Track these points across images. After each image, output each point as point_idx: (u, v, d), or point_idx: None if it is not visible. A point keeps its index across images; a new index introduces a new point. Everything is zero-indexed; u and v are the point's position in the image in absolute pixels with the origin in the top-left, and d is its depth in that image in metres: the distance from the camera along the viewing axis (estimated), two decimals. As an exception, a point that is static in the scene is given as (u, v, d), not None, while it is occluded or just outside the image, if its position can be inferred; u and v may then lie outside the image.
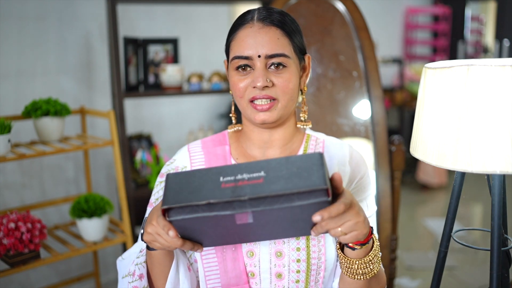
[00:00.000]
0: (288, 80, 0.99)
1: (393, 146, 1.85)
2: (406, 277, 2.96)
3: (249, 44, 0.96)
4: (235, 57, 0.98)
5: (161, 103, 3.11)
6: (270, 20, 0.98)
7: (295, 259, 0.99)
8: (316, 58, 1.89)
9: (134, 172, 2.60)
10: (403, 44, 5.71)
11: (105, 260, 2.81)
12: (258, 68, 0.97)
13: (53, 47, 2.51)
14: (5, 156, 1.74)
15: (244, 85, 0.98)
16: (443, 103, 0.96)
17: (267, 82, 0.97)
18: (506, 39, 5.18)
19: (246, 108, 1.00)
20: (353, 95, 1.91)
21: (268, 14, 0.99)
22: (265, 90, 0.97)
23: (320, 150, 1.08)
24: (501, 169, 0.90)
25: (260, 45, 0.96)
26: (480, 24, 5.95)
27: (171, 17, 3.09)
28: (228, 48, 1.02)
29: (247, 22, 0.99)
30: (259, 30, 0.97)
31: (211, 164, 1.06)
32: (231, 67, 1.00)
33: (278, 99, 0.98)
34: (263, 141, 1.06)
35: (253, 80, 0.97)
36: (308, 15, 1.90)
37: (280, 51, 0.97)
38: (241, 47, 0.97)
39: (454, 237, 1.14)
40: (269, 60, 0.97)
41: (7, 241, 1.67)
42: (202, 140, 1.11)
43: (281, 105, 0.99)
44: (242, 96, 0.99)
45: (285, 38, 0.99)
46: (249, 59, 0.97)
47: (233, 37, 1.00)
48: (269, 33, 0.97)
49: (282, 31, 0.98)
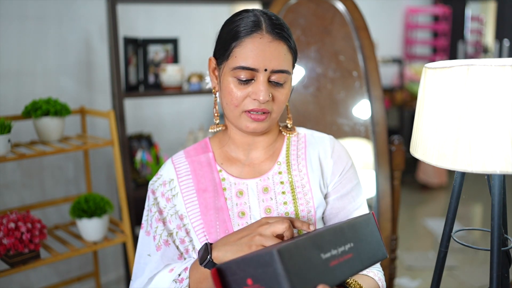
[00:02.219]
0: (286, 96, 1.01)
1: (393, 146, 1.85)
2: (406, 277, 2.96)
3: (258, 56, 0.95)
4: (240, 66, 0.96)
5: (161, 103, 3.11)
6: (280, 33, 0.97)
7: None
8: (316, 58, 1.89)
9: (134, 172, 2.60)
10: (403, 44, 5.71)
11: (105, 260, 2.81)
12: (261, 82, 0.96)
13: (53, 47, 2.51)
14: (5, 156, 1.74)
15: (243, 95, 0.97)
16: (443, 103, 0.96)
17: (269, 97, 0.97)
18: (506, 39, 5.18)
19: (238, 117, 1.00)
20: (353, 95, 1.91)
21: (278, 26, 0.97)
22: (264, 103, 0.97)
23: (302, 145, 1.11)
24: (501, 169, 0.90)
25: (268, 60, 0.95)
26: (480, 24, 5.95)
27: (171, 17, 3.09)
28: (228, 51, 0.98)
29: (256, 31, 0.96)
30: (269, 44, 0.95)
31: (196, 173, 1.07)
32: (230, 74, 0.98)
33: (271, 112, 1.00)
34: (247, 144, 1.08)
35: (255, 92, 0.96)
36: (308, 15, 1.90)
37: (285, 67, 0.98)
38: (248, 57, 0.95)
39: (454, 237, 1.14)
40: (272, 75, 0.97)
41: (7, 241, 1.67)
42: (184, 151, 1.12)
43: (273, 117, 1.01)
44: (237, 105, 0.98)
45: (290, 54, 0.99)
46: (254, 70, 0.96)
47: (239, 43, 0.96)
48: (278, 47, 0.96)
49: (287, 47, 0.98)
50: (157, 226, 1.06)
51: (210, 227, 1.03)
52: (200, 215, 1.04)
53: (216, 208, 1.04)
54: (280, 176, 1.07)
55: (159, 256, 1.04)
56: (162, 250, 1.04)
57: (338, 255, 0.78)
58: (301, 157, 1.09)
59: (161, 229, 1.05)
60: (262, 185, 1.05)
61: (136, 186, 2.52)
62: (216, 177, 1.06)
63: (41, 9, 2.45)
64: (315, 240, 0.78)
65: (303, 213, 1.05)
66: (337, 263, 0.77)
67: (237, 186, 1.06)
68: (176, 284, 0.98)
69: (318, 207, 1.06)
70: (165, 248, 1.04)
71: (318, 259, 0.76)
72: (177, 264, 1.02)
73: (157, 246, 1.05)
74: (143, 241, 1.07)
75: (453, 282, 2.89)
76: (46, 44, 2.49)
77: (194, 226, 1.04)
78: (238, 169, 1.08)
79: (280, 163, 1.08)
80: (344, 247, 0.80)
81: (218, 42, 1.03)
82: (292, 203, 1.04)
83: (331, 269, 0.76)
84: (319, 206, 1.07)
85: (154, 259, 1.04)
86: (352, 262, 0.80)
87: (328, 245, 0.78)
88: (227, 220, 1.03)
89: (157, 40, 2.53)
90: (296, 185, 1.06)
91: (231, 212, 1.04)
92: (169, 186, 1.07)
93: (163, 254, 1.04)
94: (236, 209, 1.04)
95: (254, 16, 0.98)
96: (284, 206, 1.04)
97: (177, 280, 0.98)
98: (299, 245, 0.75)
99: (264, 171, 1.07)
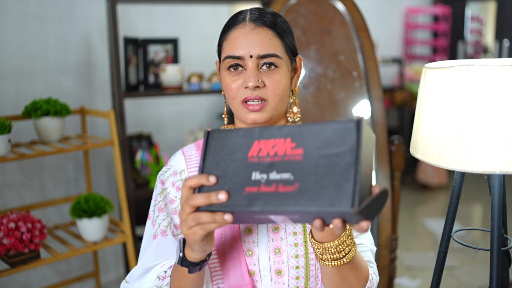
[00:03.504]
0: (279, 81, 0.99)
1: (393, 146, 1.85)
2: (406, 277, 2.96)
3: (241, 44, 0.97)
4: (227, 56, 0.99)
5: (161, 103, 3.11)
6: (262, 20, 0.98)
7: (294, 255, 1.00)
8: (316, 58, 1.89)
9: (134, 172, 2.60)
10: (403, 44, 5.71)
11: (105, 260, 2.81)
12: (250, 69, 0.97)
13: (53, 47, 2.51)
14: (5, 156, 1.74)
15: (236, 86, 0.99)
16: (443, 103, 0.96)
17: (259, 82, 0.97)
18: (506, 39, 5.18)
19: (238, 109, 1.01)
20: (353, 95, 1.91)
21: (260, 15, 0.99)
22: (256, 90, 0.98)
23: None
24: (501, 169, 0.90)
25: (252, 46, 0.97)
26: (480, 24, 5.96)
27: (171, 17, 3.09)
28: (220, 48, 1.03)
29: (239, 22, 0.99)
30: (251, 31, 0.98)
31: None
32: (223, 67, 1.01)
33: (268, 100, 0.99)
34: None
35: (245, 80, 0.97)
36: (308, 15, 1.90)
37: (272, 51, 0.98)
38: (233, 47, 0.98)
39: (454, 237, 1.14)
40: (261, 61, 0.98)
41: (7, 241, 1.67)
42: (195, 143, 1.12)
43: (271, 106, 1.00)
44: (234, 97, 1.00)
45: (277, 38, 0.99)
46: (241, 59, 0.97)
47: (225, 37, 1.00)
48: (261, 33, 0.98)
49: (274, 32, 0.99)
50: (158, 215, 1.05)
51: None
52: None
53: None
54: None
55: (154, 246, 1.03)
56: (157, 240, 1.03)
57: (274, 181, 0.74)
58: None
59: (161, 219, 1.05)
60: None
61: (136, 186, 2.53)
62: None
63: (41, 9, 2.45)
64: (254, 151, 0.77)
65: None
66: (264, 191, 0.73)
67: None
68: (159, 281, 0.97)
69: None
70: (161, 238, 1.03)
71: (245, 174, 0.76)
72: (169, 261, 1.02)
73: (154, 235, 1.04)
74: (148, 231, 1.07)
75: (453, 282, 2.89)
76: (46, 44, 2.49)
77: None
78: None
79: None
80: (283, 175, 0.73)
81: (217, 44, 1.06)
82: None
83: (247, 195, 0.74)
84: None
85: (150, 249, 1.03)
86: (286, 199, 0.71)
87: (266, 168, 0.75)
88: None
89: (157, 40, 2.53)
90: None
91: None
92: (180, 176, 1.07)
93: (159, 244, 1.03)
94: None
95: (240, 12, 1.02)
96: None
97: (161, 277, 0.98)
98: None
99: None
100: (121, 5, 2.66)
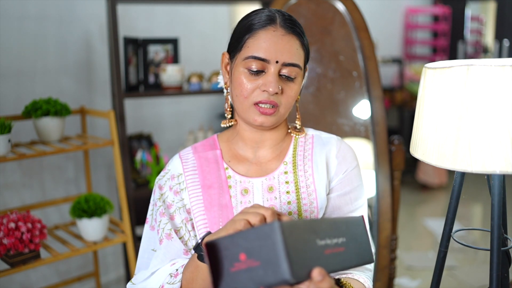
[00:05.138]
0: (296, 91, 1.02)
1: (393, 146, 1.85)
2: (406, 277, 2.96)
3: (270, 47, 0.96)
4: (251, 56, 0.97)
5: (161, 103, 3.11)
6: (293, 29, 0.99)
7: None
8: (316, 58, 1.89)
9: (134, 172, 2.60)
10: (403, 44, 5.72)
11: (105, 260, 2.81)
12: (272, 73, 0.97)
13: (53, 47, 2.51)
14: (5, 156, 1.74)
15: (252, 87, 0.99)
16: (443, 103, 0.96)
17: (279, 89, 0.97)
18: (506, 39, 5.18)
19: (248, 109, 1.01)
20: (353, 95, 1.91)
21: (292, 22, 1.00)
22: (273, 96, 0.98)
23: (309, 146, 1.11)
24: (501, 169, 0.90)
25: (280, 52, 0.97)
26: (480, 24, 5.96)
27: (171, 17, 3.09)
28: (241, 43, 1.00)
29: (270, 24, 0.98)
30: (282, 37, 0.97)
31: (203, 169, 1.08)
32: (241, 64, 0.99)
33: (280, 106, 1.00)
34: (255, 141, 1.09)
35: (265, 84, 0.97)
36: (308, 15, 1.90)
37: (296, 61, 0.99)
38: (261, 48, 0.97)
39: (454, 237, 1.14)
40: (283, 68, 0.98)
41: (7, 241, 1.67)
42: (192, 146, 1.13)
43: (281, 113, 1.02)
44: (247, 96, 0.99)
45: (302, 50, 1.01)
46: (265, 61, 0.97)
47: (252, 35, 0.98)
48: (291, 41, 0.98)
49: (300, 42, 1.00)
50: (161, 220, 1.06)
51: (213, 224, 1.03)
52: (204, 211, 1.04)
53: (220, 205, 1.04)
54: (286, 176, 1.07)
55: (163, 251, 1.04)
56: (164, 244, 1.04)
57: (332, 245, 0.78)
58: (308, 158, 1.10)
59: (164, 223, 1.06)
60: (268, 184, 1.06)
61: (136, 186, 2.53)
62: (222, 174, 1.07)
63: (41, 9, 2.45)
64: (312, 225, 0.77)
65: (306, 213, 1.05)
66: (331, 253, 0.77)
67: (242, 184, 1.06)
68: (171, 278, 0.98)
69: (322, 208, 1.07)
70: (167, 242, 1.04)
71: (314, 243, 0.75)
72: (180, 260, 1.03)
73: (159, 240, 1.05)
74: (147, 236, 1.08)
75: (453, 282, 2.89)
76: (46, 44, 2.49)
77: (197, 221, 1.05)
78: (244, 167, 1.08)
79: (287, 163, 1.09)
80: (337, 239, 0.79)
81: (233, 36, 1.05)
82: (296, 203, 1.05)
83: (325, 257, 0.76)
84: (323, 207, 1.07)
85: (159, 253, 1.04)
86: (343, 256, 0.79)
87: (324, 234, 0.77)
88: (230, 217, 1.03)
89: (157, 40, 2.53)
90: (300, 185, 1.06)
91: (235, 210, 1.04)
92: (177, 180, 1.08)
93: (166, 248, 1.04)
94: (240, 207, 1.04)
95: (269, 11, 1.01)
96: (287, 205, 1.05)
97: (173, 274, 0.98)
98: (298, 225, 0.74)
99: (270, 170, 1.08)
100: (121, 5, 2.66)
